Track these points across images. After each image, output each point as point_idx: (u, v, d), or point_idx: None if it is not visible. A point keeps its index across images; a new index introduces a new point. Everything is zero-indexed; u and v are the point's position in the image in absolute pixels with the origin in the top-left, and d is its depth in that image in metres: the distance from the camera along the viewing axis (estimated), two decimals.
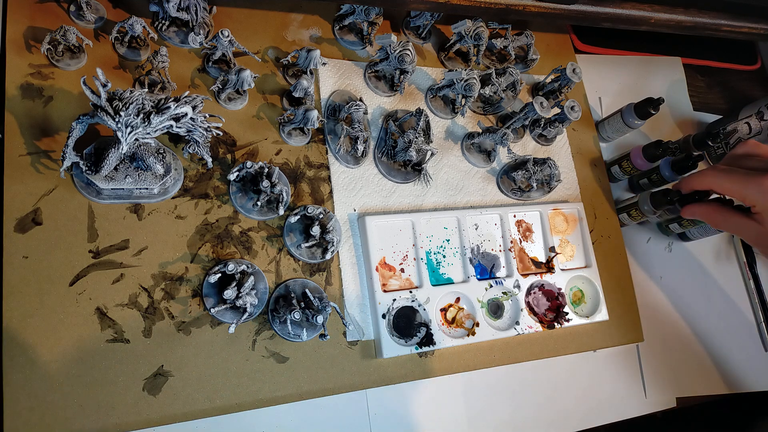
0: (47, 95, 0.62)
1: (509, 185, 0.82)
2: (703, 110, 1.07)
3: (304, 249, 0.67)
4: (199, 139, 0.59)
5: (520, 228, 0.80)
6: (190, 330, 0.61)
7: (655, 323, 0.87)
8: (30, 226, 0.57)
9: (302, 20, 0.79)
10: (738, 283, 0.97)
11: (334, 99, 0.76)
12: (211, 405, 0.59)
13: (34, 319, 0.55)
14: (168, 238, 0.62)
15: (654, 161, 0.85)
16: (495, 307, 0.75)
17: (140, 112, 0.53)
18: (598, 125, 0.94)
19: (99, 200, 0.60)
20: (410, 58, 0.74)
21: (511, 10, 0.78)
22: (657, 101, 0.83)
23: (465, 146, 0.82)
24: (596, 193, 0.89)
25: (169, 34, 0.70)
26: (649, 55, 1.06)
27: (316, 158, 0.73)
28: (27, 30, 0.63)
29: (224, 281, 0.61)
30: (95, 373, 0.56)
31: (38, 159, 0.60)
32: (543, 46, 0.95)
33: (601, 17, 0.83)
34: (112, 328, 0.58)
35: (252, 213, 0.66)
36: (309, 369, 0.64)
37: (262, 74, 0.74)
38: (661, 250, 0.93)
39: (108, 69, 0.66)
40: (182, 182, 0.65)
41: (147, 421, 0.56)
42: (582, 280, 0.81)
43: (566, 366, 0.79)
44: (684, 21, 0.87)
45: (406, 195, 0.76)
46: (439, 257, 0.74)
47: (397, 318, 0.69)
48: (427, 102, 0.82)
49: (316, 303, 0.62)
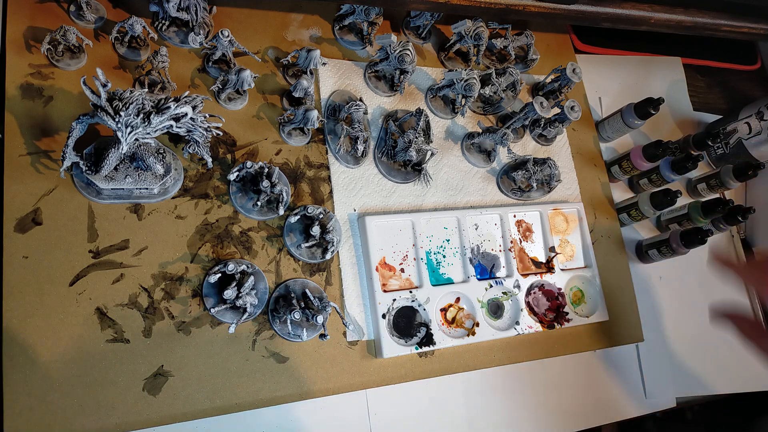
0: (47, 95, 0.62)
1: (509, 185, 0.82)
2: (703, 110, 1.07)
3: (304, 249, 0.67)
4: (199, 139, 0.59)
5: (520, 228, 0.80)
6: (190, 330, 0.61)
7: (655, 323, 0.87)
8: (30, 226, 0.57)
9: (302, 20, 0.79)
10: (738, 283, 0.97)
11: (334, 99, 0.76)
12: (211, 405, 0.59)
13: (34, 319, 0.55)
14: (168, 238, 0.62)
15: (654, 161, 0.85)
16: (495, 307, 0.75)
17: (140, 112, 0.53)
18: (598, 125, 0.94)
19: (99, 200, 0.60)
20: (410, 58, 0.74)
21: (511, 10, 0.78)
22: (657, 101, 0.83)
23: (465, 146, 0.82)
24: (596, 193, 0.89)
25: (169, 34, 0.70)
26: (649, 55, 1.06)
27: (316, 158, 0.73)
28: (27, 30, 0.63)
29: (224, 281, 0.61)
30: (95, 373, 0.56)
31: (38, 159, 0.60)
32: (543, 46, 0.95)
33: (601, 17, 0.83)
34: (112, 328, 0.58)
35: (252, 213, 0.66)
36: (309, 369, 0.64)
37: (262, 74, 0.74)
38: None
39: (108, 69, 0.66)
40: (182, 182, 0.65)
41: (147, 421, 0.56)
42: (582, 280, 0.81)
43: (566, 366, 0.79)
44: (684, 21, 0.87)
45: (406, 195, 0.76)
46: (439, 257, 0.74)
47: (397, 318, 0.69)
48: (427, 102, 0.82)
49: (316, 303, 0.62)
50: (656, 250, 0.86)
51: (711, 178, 0.92)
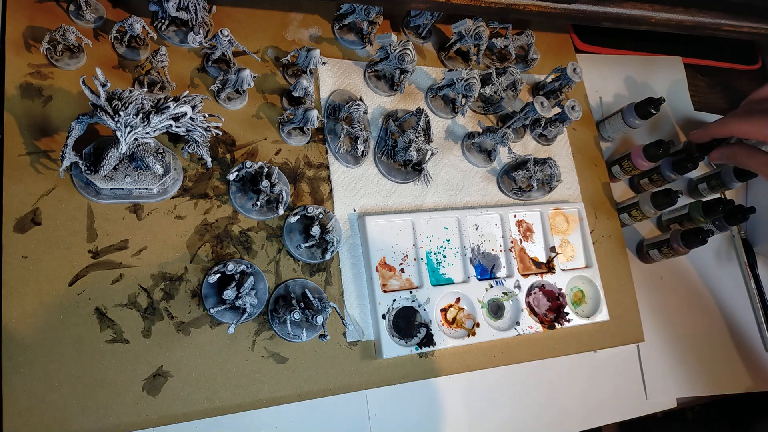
0: (46, 95, 0.62)
1: (510, 185, 0.82)
2: (703, 110, 1.07)
3: (303, 249, 0.67)
4: (198, 138, 0.59)
5: (520, 228, 0.80)
6: (190, 330, 0.60)
7: (655, 323, 0.87)
8: (29, 226, 0.57)
9: (302, 19, 0.79)
10: (738, 284, 0.97)
11: (333, 98, 0.76)
12: (211, 405, 0.59)
13: (34, 319, 0.55)
14: (167, 238, 0.62)
15: (655, 161, 0.85)
16: (495, 308, 0.75)
17: (139, 111, 0.52)
18: (598, 125, 0.94)
19: (98, 200, 0.60)
20: (410, 57, 0.73)
21: (511, 10, 0.77)
22: (658, 101, 0.83)
23: (465, 146, 0.81)
24: (597, 193, 0.89)
25: (168, 33, 0.70)
26: (650, 54, 1.06)
27: (315, 158, 0.73)
28: (26, 29, 0.63)
29: (224, 281, 0.61)
30: (94, 374, 0.56)
31: (37, 159, 0.59)
32: (543, 46, 0.95)
33: (601, 17, 0.83)
34: (112, 329, 0.58)
35: (251, 213, 0.66)
36: (309, 369, 0.64)
37: (261, 74, 0.74)
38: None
39: (107, 68, 0.66)
40: (181, 182, 0.65)
41: (146, 422, 0.56)
42: (582, 281, 0.81)
43: (567, 366, 0.79)
44: (685, 20, 0.87)
45: (406, 195, 0.76)
46: (440, 257, 0.74)
47: (397, 318, 0.69)
48: (427, 102, 0.82)
49: (316, 303, 0.62)
50: (657, 250, 0.86)
51: (712, 177, 0.92)
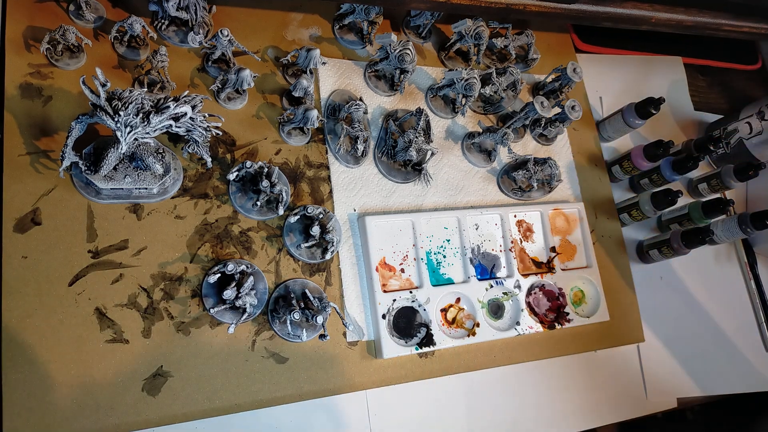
0: (46, 95, 0.62)
1: (510, 185, 0.82)
2: (703, 110, 1.07)
3: (303, 249, 0.67)
4: (198, 138, 0.59)
5: (520, 228, 0.80)
6: (190, 330, 0.60)
7: (655, 323, 0.87)
8: (29, 226, 0.57)
9: (302, 19, 0.79)
10: (739, 284, 0.97)
11: (333, 98, 0.76)
12: (211, 405, 0.59)
13: (33, 319, 0.55)
14: (167, 238, 0.62)
15: (655, 161, 0.85)
16: (495, 308, 0.75)
17: (139, 111, 0.52)
18: (598, 125, 0.94)
19: (98, 200, 0.60)
20: (410, 57, 0.73)
21: (511, 10, 0.77)
22: (658, 101, 0.83)
23: (465, 146, 0.81)
24: (597, 193, 0.89)
25: (168, 33, 0.70)
26: (650, 54, 1.06)
27: (315, 158, 0.73)
28: (26, 29, 0.63)
29: (224, 281, 0.61)
30: (94, 374, 0.56)
31: (37, 159, 0.59)
32: (543, 46, 0.95)
33: (601, 17, 0.83)
34: (112, 329, 0.58)
35: (251, 213, 0.66)
36: (309, 369, 0.64)
37: (261, 74, 0.74)
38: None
39: (107, 68, 0.66)
40: (181, 182, 0.64)
41: (146, 422, 0.56)
42: (583, 281, 0.81)
43: (567, 366, 0.79)
44: (685, 20, 0.87)
45: (406, 195, 0.76)
46: (440, 257, 0.74)
47: (397, 318, 0.69)
48: (427, 101, 0.82)
49: (316, 303, 0.62)
50: (657, 250, 0.86)
51: (712, 177, 0.92)
